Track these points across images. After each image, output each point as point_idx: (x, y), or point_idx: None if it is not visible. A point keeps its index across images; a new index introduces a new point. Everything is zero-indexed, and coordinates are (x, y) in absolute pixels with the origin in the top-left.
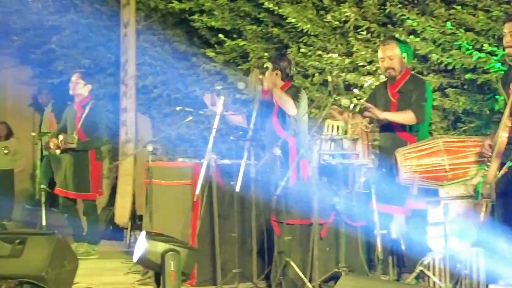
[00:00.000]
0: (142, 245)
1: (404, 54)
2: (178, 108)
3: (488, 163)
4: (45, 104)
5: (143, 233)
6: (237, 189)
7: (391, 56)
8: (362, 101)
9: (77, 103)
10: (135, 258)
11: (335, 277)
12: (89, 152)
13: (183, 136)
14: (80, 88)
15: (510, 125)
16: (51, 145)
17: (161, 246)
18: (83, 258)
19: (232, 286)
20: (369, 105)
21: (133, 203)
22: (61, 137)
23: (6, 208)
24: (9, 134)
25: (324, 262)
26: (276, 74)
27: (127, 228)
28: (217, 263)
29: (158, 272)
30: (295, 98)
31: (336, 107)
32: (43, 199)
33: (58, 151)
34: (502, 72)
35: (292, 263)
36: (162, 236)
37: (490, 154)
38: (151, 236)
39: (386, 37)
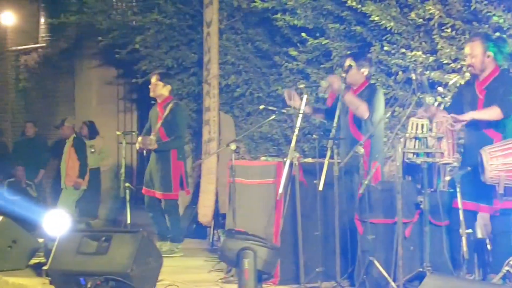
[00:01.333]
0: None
1: (489, 53)
2: (261, 106)
3: None
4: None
5: (225, 230)
6: (320, 187)
7: (472, 54)
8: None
9: (159, 104)
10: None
11: (420, 277)
12: (171, 152)
13: (266, 135)
14: (159, 89)
15: None
16: (137, 145)
17: (237, 244)
18: (167, 256)
19: (315, 285)
20: (450, 117)
21: (216, 201)
22: (139, 138)
23: (93, 206)
24: (94, 133)
25: (408, 261)
26: (362, 72)
27: (210, 227)
28: (300, 262)
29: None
30: (370, 99)
31: (421, 111)
32: (127, 197)
33: (144, 152)
34: None
35: (376, 262)
36: (242, 234)
37: None
38: (229, 233)
39: (472, 34)
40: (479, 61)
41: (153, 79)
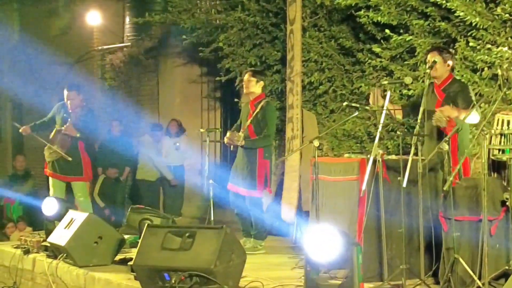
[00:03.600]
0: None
1: None
2: (344, 103)
3: None
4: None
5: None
6: (404, 184)
7: None
8: None
9: (251, 101)
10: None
11: (506, 275)
12: (258, 150)
13: (349, 133)
14: (253, 86)
15: None
16: (225, 139)
17: (347, 241)
18: (250, 253)
19: (399, 283)
20: None
21: (299, 199)
22: (228, 134)
23: (177, 204)
24: (180, 131)
25: (494, 259)
26: (448, 65)
27: (293, 224)
28: (384, 259)
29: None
30: (464, 95)
31: None
32: (211, 194)
33: (232, 147)
34: None
35: (461, 260)
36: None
37: None
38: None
39: None
40: None
41: (246, 76)
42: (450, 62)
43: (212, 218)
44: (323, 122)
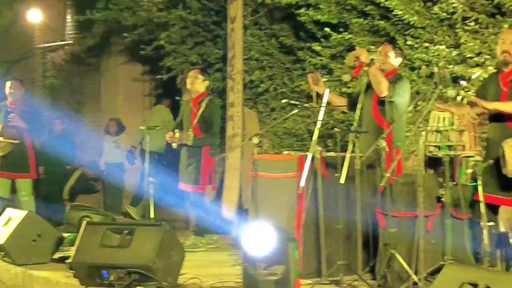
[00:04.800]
0: (263, 236)
1: None
2: (284, 101)
3: None
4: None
5: (262, 224)
6: (342, 181)
7: None
8: (471, 96)
9: (193, 99)
10: (255, 249)
11: (441, 270)
12: (203, 148)
13: (290, 130)
14: (198, 83)
15: None
16: (167, 138)
17: (284, 237)
18: (190, 251)
19: (337, 278)
20: (476, 99)
21: (240, 196)
22: (177, 133)
23: (117, 202)
24: (120, 130)
25: (430, 254)
26: (398, 62)
27: (234, 221)
28: (322, 255)
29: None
30: (394, 82)
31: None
32: (151, 192)
33: (174, 146)
34: None
35: (398, 256)
36: (276, 227)
37: None
38: (271, 227)
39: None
40: None
41: (193, 73)
42: (399, 59)
43: (152, 216)
44: (264, 120)
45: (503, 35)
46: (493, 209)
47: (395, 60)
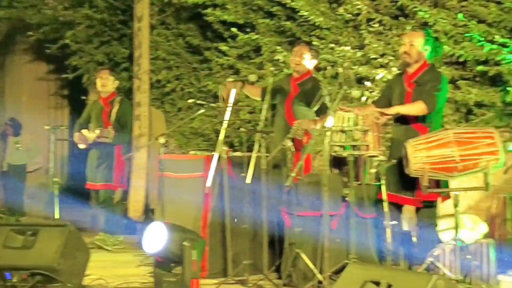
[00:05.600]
0: (159, 236)
1: (427, 47)
2: (190, 100)
3: None
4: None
5: (158, 224)
6: (248, 181)
7: (413, 42)
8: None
9: (103, 99)
10: (151, 249)
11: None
12: (116, 147)
13: (197, 130)
14: (110, 84)
15: None
16: (75, 139)
17: (181, 236)
18: (97, 251)
19: (243, 278)
20: (376, 110)
21: (147, 196)
22: (97, 131)
23: (19, 204)
24: (18, 130)
25: (335, 253)
26: (313, 63)
27: (140, 222)
28: (228, 255)
29: (169, 262)
30: (317, 90)
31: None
32: (56, 192)
33: (83, 146)
34: None
35: (303, 255)
36: (178, 227)
37: None
38: (170, 226)
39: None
40: (416, 51)
41: (104, 74)
42: (314, 61)
43: (57, 216)
44: (171, 120)
45: (405, 37)
46: (397, 208)
47: (310, 62)
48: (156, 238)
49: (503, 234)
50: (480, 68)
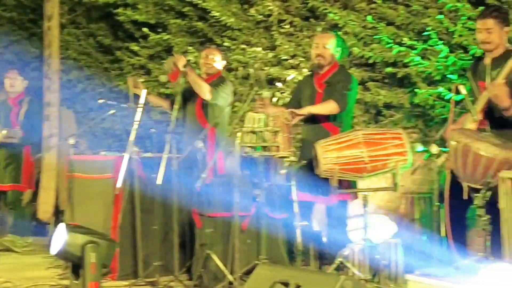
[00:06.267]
0: (61, 237)
1: (339, 49)
2: (101, 100)
3: None
4: None
5: (61, 225)
6: (159, 182)
7: (326, 44)
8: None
9: (12, 98)
10: (54, 251)
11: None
12: (25, 147)
13: (108, 131)
14: (18, 84)
15: (479, 120)
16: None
17: (81, 238)
18: (4, 254)
19: (153, 279)
20: (285, 110)
21: (57, 198)
22: (5, 131)
23: None
24: None
25: (245, 254)
26: (222, 64)
27: (50, 223)
28: (139, 256)
29: (76, 265)
30: (217, 85)
31: (259, 101)
32: None
33: None
34: (421, 66)
35: (214, 256)
36: (81, 228)
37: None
38: (70, 228)
39: (326, 29)
40: (329, 54)
41: (12, 74)
42: (224, 62)
43: None
44: (82, 120)
45: (317, 39)
46: (308, 208)
47: (219, 64)
48: (58, 240)
49: (411, 233)
50: (388, 69)
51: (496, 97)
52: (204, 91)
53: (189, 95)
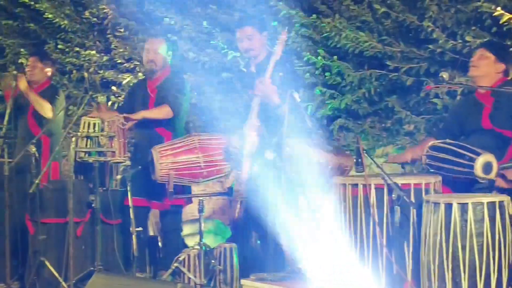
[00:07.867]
0: None
1: (170, 52)
2: None
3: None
4: None
5: None
6: None
7: (156, 50)
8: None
9: None
10: None
11: (91, 276)
12: None
13: None
14: None
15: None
16: None
17: None
18: None
19: None
20: (120, 115)
21: None
22: None
23: None
24: None
25: (80, 261)
26: (47, 72)
27: None
28: None
29: None
30: (53, 100)
31: (94, 104)
32: None
33: None
34: None
35: (47, 263)
36: None
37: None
38: None
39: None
40: (161, 58)
41: None
42: (48, 69)
43: None
44: None
45: (147, 45)
46: (143, 213)
47: (43, 72)
48: None
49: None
50: (225, 74)
51: (266, 96)
52: (45, 110)
53: (21, 100)
